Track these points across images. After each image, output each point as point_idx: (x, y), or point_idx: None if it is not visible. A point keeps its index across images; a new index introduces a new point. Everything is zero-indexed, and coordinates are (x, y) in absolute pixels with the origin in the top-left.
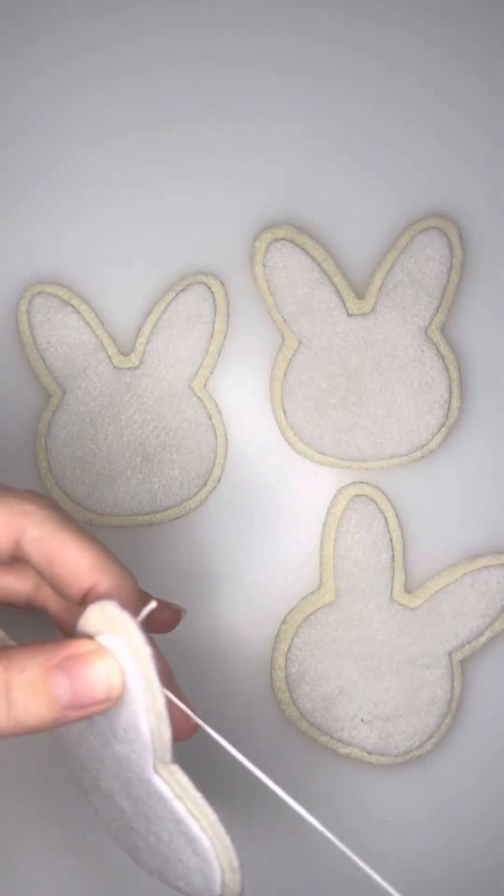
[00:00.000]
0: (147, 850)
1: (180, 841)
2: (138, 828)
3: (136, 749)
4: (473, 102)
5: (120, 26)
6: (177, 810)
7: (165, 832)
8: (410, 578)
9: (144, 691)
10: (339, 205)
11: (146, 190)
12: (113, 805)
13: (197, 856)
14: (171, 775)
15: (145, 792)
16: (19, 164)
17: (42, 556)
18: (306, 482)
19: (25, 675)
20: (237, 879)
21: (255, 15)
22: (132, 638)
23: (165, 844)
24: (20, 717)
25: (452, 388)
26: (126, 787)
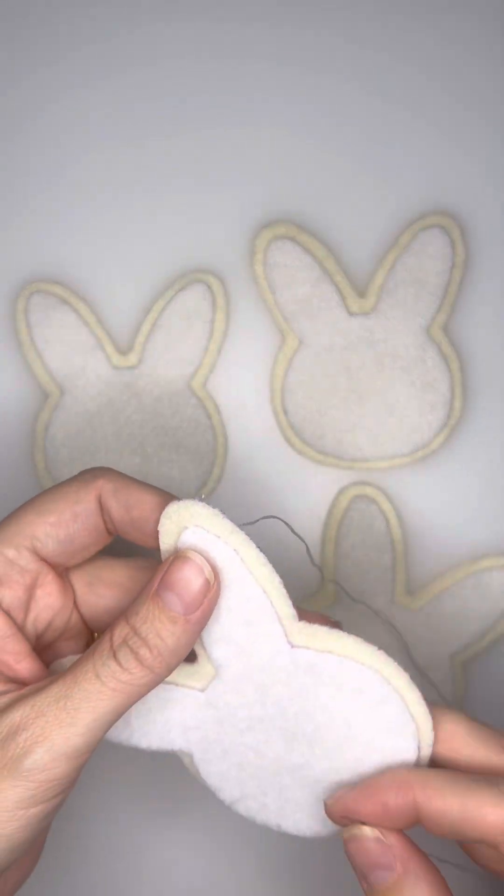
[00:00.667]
0: (306, 789)
1: (355, 714)
2: (290, 753)
3: (263, 632)
4: (475, 100)
5: (120, 25)
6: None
7: (334, 720)
8: (412, 580)
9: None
10: (340, 202)
11: (145, 187)
12: (254, 753)
13: (381, 715)
14: (307, 635)
15: (296, 683)
16: (17, 162)
17: (120, 503)
18: (307, 482)
19: (141, 612)
20: (430, 724)
21: (254, 13)
22: (204, 518)
23: (335, 742)
24: (157, 644)
25: (455, 388)
26: (271, 696)
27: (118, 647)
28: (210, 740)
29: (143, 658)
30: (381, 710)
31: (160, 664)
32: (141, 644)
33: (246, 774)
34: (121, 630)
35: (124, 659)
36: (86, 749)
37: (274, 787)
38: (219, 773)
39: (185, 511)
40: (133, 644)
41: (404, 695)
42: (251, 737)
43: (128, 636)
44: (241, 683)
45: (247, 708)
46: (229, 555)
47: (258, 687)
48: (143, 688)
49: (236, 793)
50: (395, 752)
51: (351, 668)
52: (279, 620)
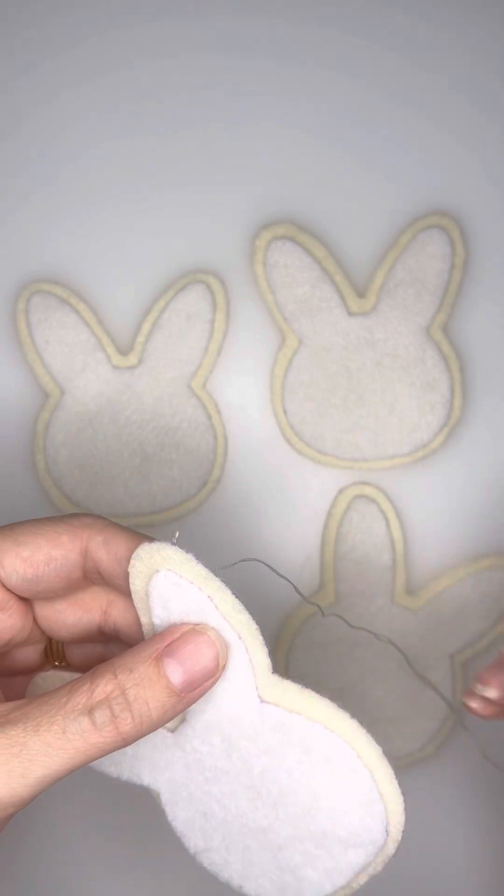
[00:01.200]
0: (267, 854)
1: (320, 784)
2: (254, 815)
3: (235, 686)
4: (476, 101)
5: (120, 25)
6: (304, 728)
7: (298, 788)
8: (412, 580)
9: (215, 607)
10: (340, 203)
11: (145, 188)
12: (219, 805)
13: (349, 788)
14: (280, 691)
15: (262, 740)
16: (17, 163)
17: (110, 556)
18: (307, 483)
19: (136, 672)
20: (401, 806)
21: (255, 14)
22: (177, 563)
23: (300, 810)
24: (143, 713)
25: (454, 388)
26: (237, 751)
27: (97, 704)
28: (177, 783)
29: (122, 724)
30: (349, 784)
31: (136, 733)
32: (125, 708)
33: (210, 826)
34: (105, 685)
35: (100, 720)
36: (29, 799)
37: (238, 845)
38: (185, 819)
39: (157, 554)
40: (116, 707)
41: (374, 771)
42: (216, 788)
43: (112, 695)
44: (209, 732)
45: (212, 758)
46: (203, 601)
47: (225, 738)
48: (109, 750)
49: (201, 843)
50: (361, 832)
51: (320, 734)
52: (252, 671)
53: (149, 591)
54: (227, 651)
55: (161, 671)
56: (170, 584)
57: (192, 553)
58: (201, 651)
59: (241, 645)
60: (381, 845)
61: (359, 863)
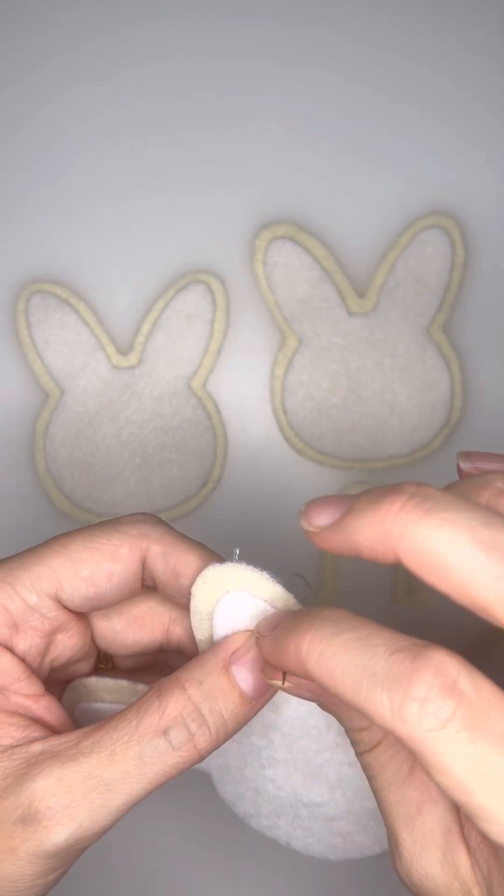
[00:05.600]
0: (320, 821)
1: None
2: (308, 792)
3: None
4: (476, 101)
5: (121, 25)
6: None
7: (360, 774)
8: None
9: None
10: (340, 203)
11: (145, 188)
12: (273, 784)
13: None
14: None
15: (326, 739)
16: (17, 163)
17: (167, 569)
18: (307, 482)
19: (206, 684)
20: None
21: (255, 14)
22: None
23: (357, 792)
24: (219, 726)
25: (454, 388)
26: (297, 746)
27: (172, 723)
28: (231, 767)
29: (200, 741)
30: None
31: (214, 747)
32: (201, 724)
33: (262, 799)
34: (176, 702)
35: (177, 740)
36: (113, 824)
37: (288, 813)
38: (235, 793)
39: (229, 575)
40: (192, 724)
41: None
42: (272, 772)
43: (186, 712)
44: (269, 730)
45: (270, 750)
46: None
47: (285, 736)
48: (186, 768)
49: (251, 810)
50: None
51: None
52: None
53: (215, 612)
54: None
55: (232, 680)
56: (240, 604)
57: (262, 569)
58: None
59: None
60: None
61: None
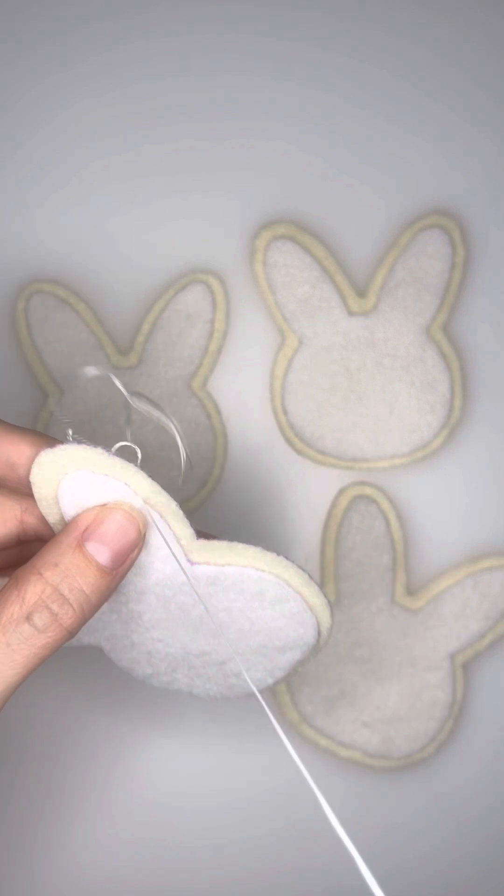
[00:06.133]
0: (213, 667)
1: (256, 612)
2: (195, 643)
3: (162, 554)
4: (475, 101)
5: (121, 27)
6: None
7: (236, 619)
8: (412, 580)
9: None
10: (340, 202)
11: (145, 188)
12: (161, 643)
13: (282, 611)
14: (208, 552)
15: (196, 593)
16: (18, 163)
17: (1, 462)
18: (307, 482)
19: (62, 565)
20: (328, 611)
21: (254, 14)
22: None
23: (239, 634)
24: (82, 601)
25: (455, 388)
26: (173, 603)
27: (33, 608)
28: (118, 636)
29: (65, 619)
30: (281, 606)
31: (81, 622)
32: (63, 603)
33: (155, 659)
34: (35, 587)
35: (41, 622)
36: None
37: (183, 666)
38: (129, 658)
39: (64, 457)
40: (53, 605)
41: (302, 591)
42: (157, 632)
43: (46, 595)
44: (143, 595)
45: (150, 613)
46: (120, 489)
47: (160, 597)
48: (58, 646)
49: (148, 671)
50: (295, 639)
51: (251, 576)
52: (178, 542)
53: (59, 495)
54: (147, 521)
55: (88, 556)
56: (82, 483)
57: (91, 444)
58: (120, 525)
59: (163, 521)
60: (314, 644)
61: (295, 659)
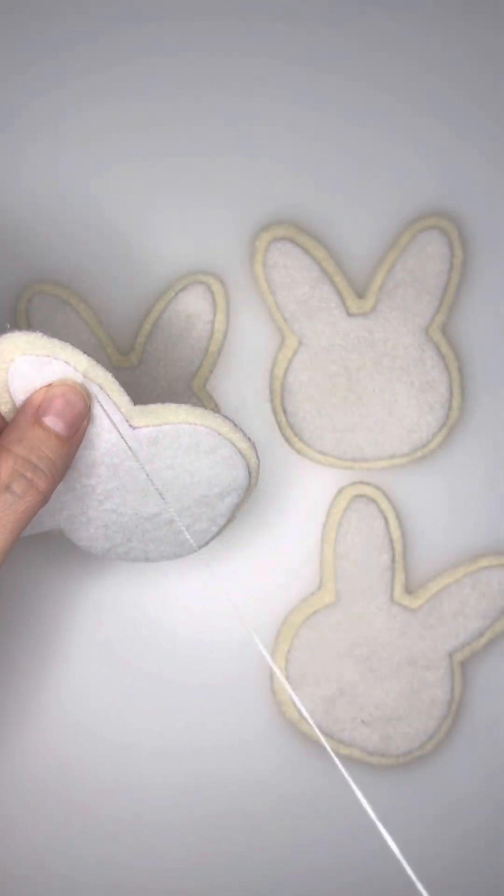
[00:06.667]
0: (164, 528)
1: (194, 464)
2: (146, 507)
3: (106, 424)
4: (474, 102)
5: (121, 26)
6: (173, 432)
7: (178, 474)
8: (411, 579)
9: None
10: (339, 204)
11: (146, 189)
12: (115, 514)
13: (216, 458)
14: (146, 415)
15: (141, 455)
16: (18, 164)
17: None
18: (306, 482)
19: (26, 439)
20: (254, 453)
21: (255, 14)
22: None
23: (182, 489)
24: (50, 467)
25: (453, 388)
26: (121, 470)
27: (10, 479)
28: (75, 514)
29: (39, 483)
30: (214, 454)
31: (53, 485)
32: (35, 470)
33: (111, 531)
34: (7, 462)
35: (20, 489)
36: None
37: (137, 533)
38: (88, 536)
39: (7, 346)
40: (27, 472)
41: (231, 438)
42: (110, 504)
43: (18, 466)
44: (94, 467)
45: (102, 484)
46: (62, 368)
47: (109, 466)
48: (36, 510)
49: (106, 545)
50: (231, 482)
51: (186, 431)
52: (118, 409)
53: (9, 382)
54: (90, 394)
55: (47, 427)
56: (27, 366)
57: (32, 329)
58: (69, 398)
59: (103, 393)
60: (247, 486)
61: (234, 503)
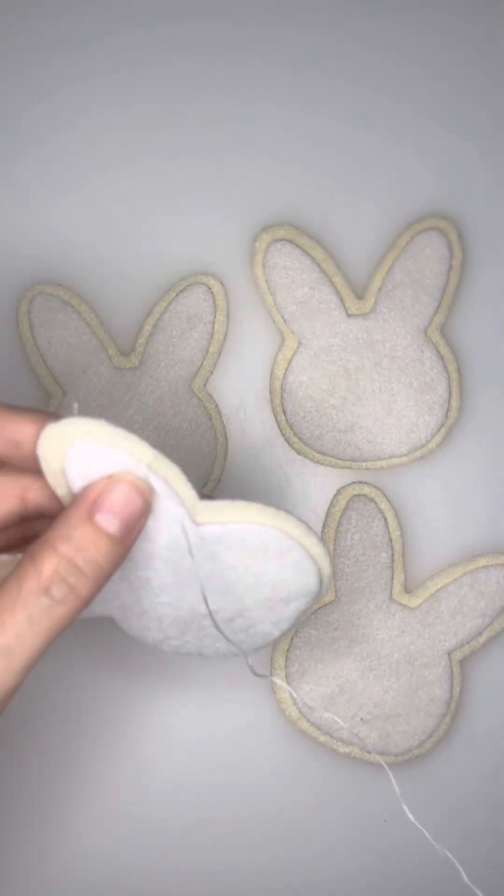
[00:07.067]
0: (224, 625)
1: (260, 566)
2: (203, 603)
3: (168, 518)
4: (473, 103)
5: (121, 27)
6: (239, 532)
7: (242, 575)
8: (410, 578)
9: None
10: (338, 205)
11: (146, 190)
12: (171, 607)
13: (285, 562)
14: (211, 512)
15: (203, 553)
16: (20, 164)
17: (4, 441)
18: (306, 482)
19: (75, 538)
20: (328, 559)
21: (255, 15)
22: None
23: (245, 589)
24: (95, 571)
25: (452, 389)
26: (181, 566)
27: (50, 581)
28: (128, 604)
29: (81, 589)
30: (284, 558)
31: (96, 590)
32: (78, 574)
33: (165, 624)
34: (50, 561)
35: (59, 593)
36: (19, 686)
37: (192, 628)
38: (140, 626)
39: (68, 431)
40: (69, 576)
41: (303, 542)
42: (165, 597)
43: (61, 568)
44: (152, 561)
45: (159, 578)
46: (124, 459)
47: (167, 561)
48: (76, 615)
49: (159, 636)
50: (299, 589)
51: (253, 531)
52: (183, 504)
53: (65, 467)
54: (153, 489)
55: (98, 527)
56: (87, 454)
57: (95, 417)
58: (127, 495)
59: (169, 487)
60: (317, 593)
61: (300, 609)
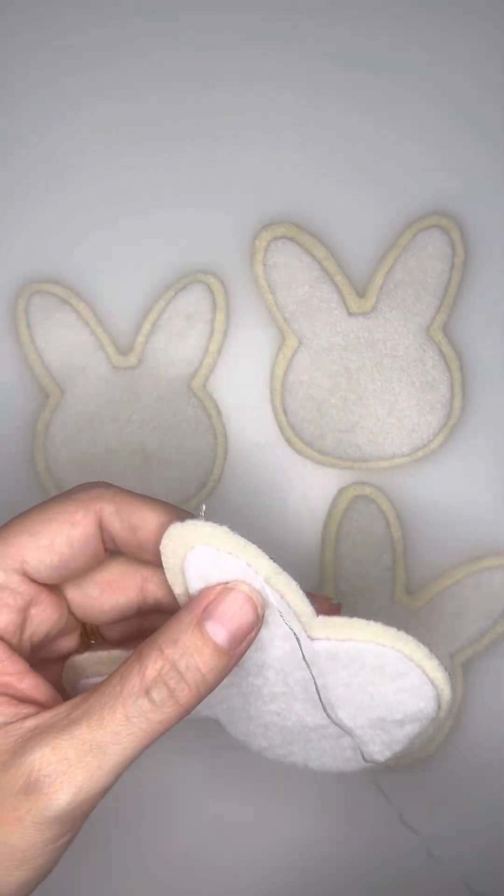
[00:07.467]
0: (329, 740)
1: (376, 686)
2: (313, 717)
3: (282, 631)
4: (474, 101)
5: (122, 26)
6: (358, 650)
7: (356, 693)
8: (412, 580)
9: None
10: (340, 203)
11: (145, 188)
12: (279, 716)
13: (402, 685)
14: (328, 628)
15: (317, 668)
16: (17, 163)
17: (124, 526)
18: (307, 482)
19: (181, 643)
20: (448, 685)
21: (255, 15)
22: (214, 538)
23: (358, 708)
24: (198, 680)
25: (454, 388)
26: (291, 678)
27: (152, 683)
28: (236, 709)
29: (181, 697)
30: (402, 680)
31: (196, 701)
32: (179, 680)
33: (272, 732)
34: (155, 663)
35: (159, 697)
36: (110, 787)
37: (299, 739)
38: (246, 731)
39: (192, 532)
40: (170, 681)
41: (423, 665)
42: (274, 706)
43: (164, 671)
44: (263, 670)
45: (269, 687)
46: (243, 569)
47: (278, 672)
48: (173, 723)
49: (264, 744)
50: (416, 712)
51: (370, 651)
52: (298, 619)
53: (185, 567)
54: (268, 602)
55: (206, 635)
56: (206, 558)
57: (221, 523)
58: (239, 606)
59: (283, 601)
60: (433, 717)
61: (414, 732)
